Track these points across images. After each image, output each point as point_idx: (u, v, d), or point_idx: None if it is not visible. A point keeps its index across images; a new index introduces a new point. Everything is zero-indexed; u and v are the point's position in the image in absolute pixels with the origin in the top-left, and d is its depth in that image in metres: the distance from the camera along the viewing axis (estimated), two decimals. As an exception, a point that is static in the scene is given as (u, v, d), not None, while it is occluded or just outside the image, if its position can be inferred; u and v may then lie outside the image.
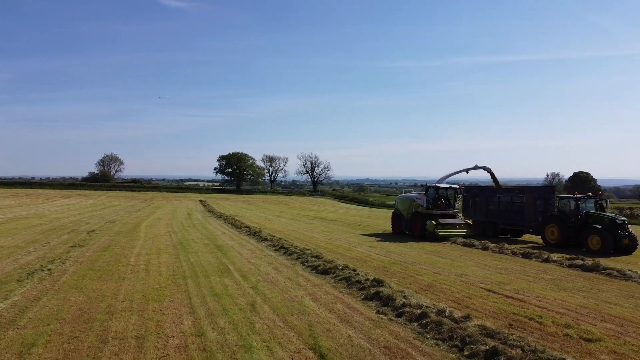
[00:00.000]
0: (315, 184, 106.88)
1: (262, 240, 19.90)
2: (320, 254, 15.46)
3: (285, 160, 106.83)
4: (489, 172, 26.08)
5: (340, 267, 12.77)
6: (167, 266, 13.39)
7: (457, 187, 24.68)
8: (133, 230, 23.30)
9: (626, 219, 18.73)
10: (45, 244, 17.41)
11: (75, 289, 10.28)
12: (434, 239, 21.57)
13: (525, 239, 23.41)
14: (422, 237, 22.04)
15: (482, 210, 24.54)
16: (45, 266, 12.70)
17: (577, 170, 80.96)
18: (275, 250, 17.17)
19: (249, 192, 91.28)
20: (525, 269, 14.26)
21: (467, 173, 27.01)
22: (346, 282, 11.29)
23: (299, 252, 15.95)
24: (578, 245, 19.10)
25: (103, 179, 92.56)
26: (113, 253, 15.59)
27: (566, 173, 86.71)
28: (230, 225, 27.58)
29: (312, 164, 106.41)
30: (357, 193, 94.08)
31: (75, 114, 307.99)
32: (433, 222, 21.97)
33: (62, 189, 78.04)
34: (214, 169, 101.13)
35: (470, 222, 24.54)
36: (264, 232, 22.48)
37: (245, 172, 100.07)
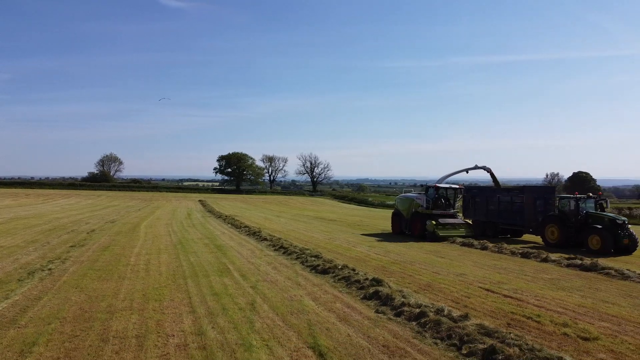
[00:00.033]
0: (315, 184, 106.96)
1: (261, 240, 19.94)
2: (320, 253, 15.50)
3: (285, 160, 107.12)
4: (488, 172, 26.06)
5: (340, 267, 12.82)
6: (167, 266, 13.44)
7: (457, 187, 24.68)
8: (133, 230, 23.34)
9: (626, 219, 18.69)
10: (45, 243, 17.45)
11: (76, 288, 10.33)
12: (434, 239, 21.56)
13: (525, 239, 23.41)
14: (422, 237, 22.04)
15: (482, 210, 24.51)
16: (46, 266, 12.75)
17: (576, 170, 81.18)
18: (274, 250, 17.22)
19: (248, 192, 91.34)
20: (523, 268, 14.30)
21: (467, 173, 27.00)
22: (345, 282, 11.34)
23: (298, 251, 16.00)
24: (578, 245, 19.05)
25: (103, 179, 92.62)
26: (113, 253, 15.64)
27: (566, 173, 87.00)
28: (229, 225, 27.62)
29: (311, 164, 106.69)
30: (356, 193, 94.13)
31: (75, 114, 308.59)
32: (433, 222, 21.98)
33: (62, 189, 78.09)
34: (214, 169, 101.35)
35: (470, 222, 24.54)
36: (263, 232, 22.53)
37: (244, 172, 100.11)
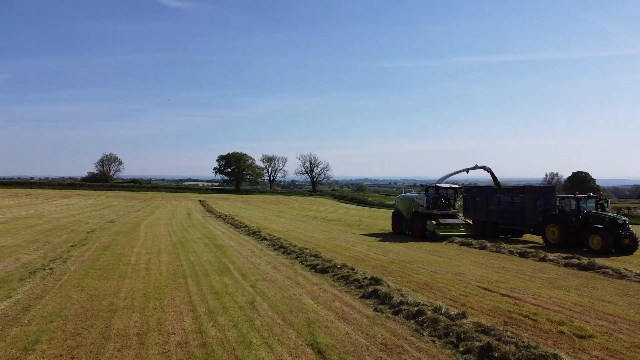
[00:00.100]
0: (315, 184, 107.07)
1: (261, 240, 20.03)
2: (319, 253, 15.59)
3: (285, 160, 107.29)
4: (489, 172, 26.08)
5: (339, 266, 12.90)
6: (168, 265, 13.52)
7: (457, 186, 24.72)
8: (133, 230, 23.42)
9: (627, 219, 18.61)
10: (46, 243, 17.53)
11: (77, 287, 10.42)
12: (434, 238, 21.59)
13: (526, 238, 23.42)
14: (422, 237, 22.06)
15: (482, 210, 24.54)
16: (47, 265, 12.84)
17: (576, 170, 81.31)
18: (274, 249, 17.30)
19: (248, 192, 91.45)
20: (521, 267, 14.39)
21: (467, 173, 27.01)
22: (344, 281, 11.43)
23: (298, 251, 16.08)
24: (579, 245, 18.97)
25: (102, 179, 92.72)
26: (113, 252, 15.72)
27: (565, 173, 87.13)
28: (229, 225, 27.70)
29: (311, 164, 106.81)
30: (356, 193, 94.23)
31: (75, 114, 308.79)
32: (433, 222, 22.00)
33: (62, 189, 78.17)
34: (213, 169, 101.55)
35: (471, 222, 24.57)
36: (263, 232, 22.61)
37: (244, 172, 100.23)
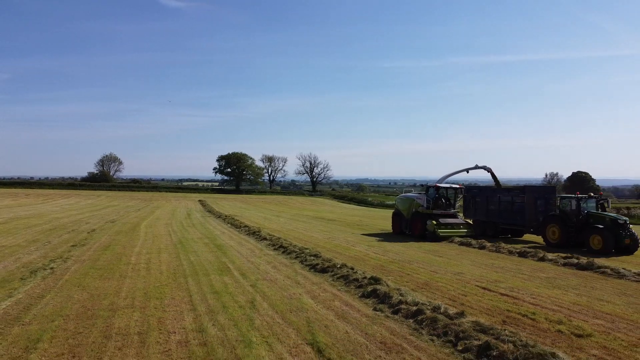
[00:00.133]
0: (315, 184, 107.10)
1: (261, 240, 20.07)
2: (319, 252, 15.64)
3: (285, 160, 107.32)
4: (489, 171, 26.08)
5: (339, 266, 12.95)
6: (168, 265, 13.57)
7: (457, 186, 24.74)
8: (133, 230, 23.46)
9: (627, 219, 18.60)
10: (46, 243, 17.58)
11: (78, 286, 10.46)
12: (435, 238, 21.61)
13: (526, 239, 23.43)
14: (423, 237, 22.09)
15: (482, 210, 24.55)
16: (48, 265, 12.88)
17: (576, 170, 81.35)
18: (274, 249, 17.35)
19: (248, 192, 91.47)
20: (520, 267, 14.43)
21: (468, 173, 27.02)
22: (344, 280, 11.48)
23: (297, 251, 16.13)
24: (579, 245, 18.96)
25: (102, 179, 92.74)
26: (114, 252, 15.77)
27: (565, 173, 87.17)
28: (229, 225, 27.75)
29: (311, 164, 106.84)
30: (356, 193, 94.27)
31: (75, 114, 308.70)
32: (433, 222, 22.01)
33: (62, 189, 78.18)
34: (213, 169, 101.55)
35: (471, 222, 24.60)
36: (263, 232, 22.65)
37: (244, 172, 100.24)
